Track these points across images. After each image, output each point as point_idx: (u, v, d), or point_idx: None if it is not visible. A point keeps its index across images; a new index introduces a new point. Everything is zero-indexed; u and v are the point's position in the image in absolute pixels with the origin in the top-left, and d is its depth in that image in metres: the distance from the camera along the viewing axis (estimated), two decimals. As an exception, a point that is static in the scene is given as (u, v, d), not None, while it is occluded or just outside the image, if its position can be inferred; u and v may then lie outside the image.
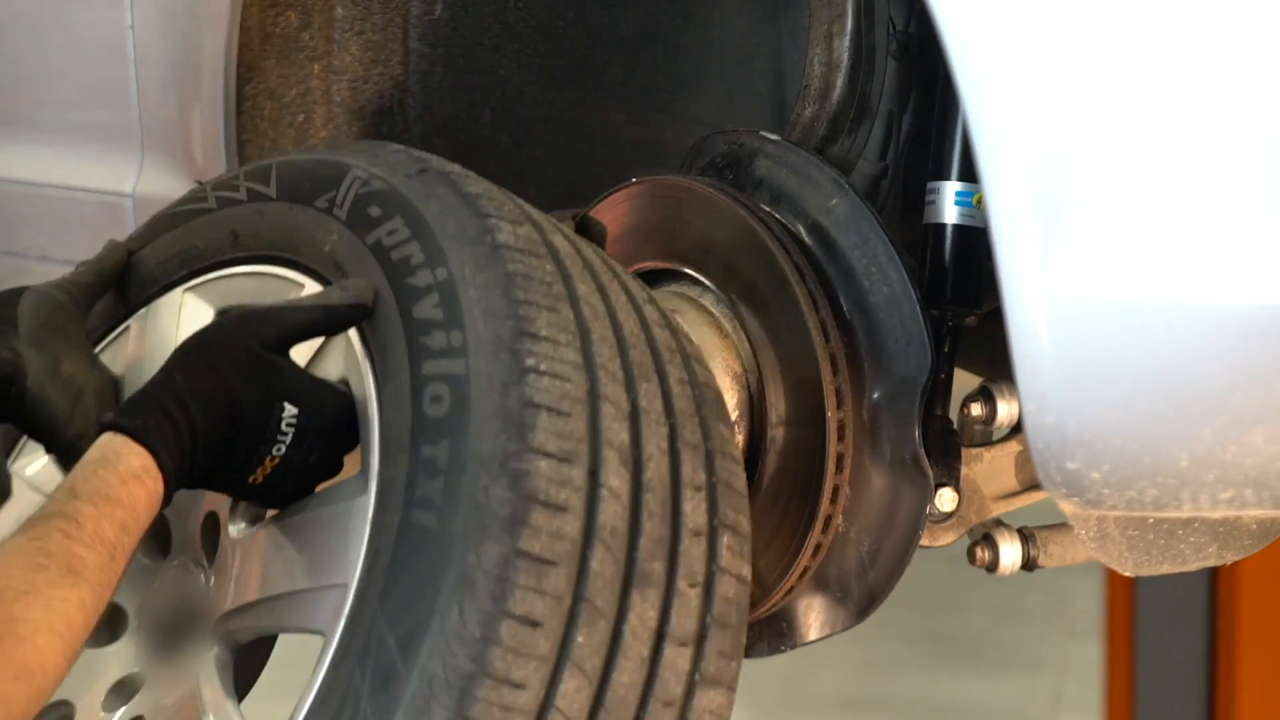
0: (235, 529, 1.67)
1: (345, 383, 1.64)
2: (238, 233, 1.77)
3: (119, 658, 1.75)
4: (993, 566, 1.88)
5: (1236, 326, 1.45)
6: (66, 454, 1.73)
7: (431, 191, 1.64)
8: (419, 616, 1.47)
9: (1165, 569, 1.68)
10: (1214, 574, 3.95)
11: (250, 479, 1.62)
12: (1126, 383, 1.48)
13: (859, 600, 1.78)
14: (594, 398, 1.55)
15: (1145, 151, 1.46)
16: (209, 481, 1.62)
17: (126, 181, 2.34)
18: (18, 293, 1.80)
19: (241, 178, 1.79)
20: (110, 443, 1.58)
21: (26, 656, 1.46)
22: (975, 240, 1.76)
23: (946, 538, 1.82)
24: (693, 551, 1.56)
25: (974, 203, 1.76)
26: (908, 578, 1.79)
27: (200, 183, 1.85)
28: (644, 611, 1.52)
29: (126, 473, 1.56)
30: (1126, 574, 1.66)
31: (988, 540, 1.88)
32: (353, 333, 1.63)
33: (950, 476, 1.78)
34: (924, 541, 1.79)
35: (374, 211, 1.65)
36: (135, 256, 1.85)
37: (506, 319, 1.55)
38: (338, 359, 1.66)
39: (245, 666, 1.71)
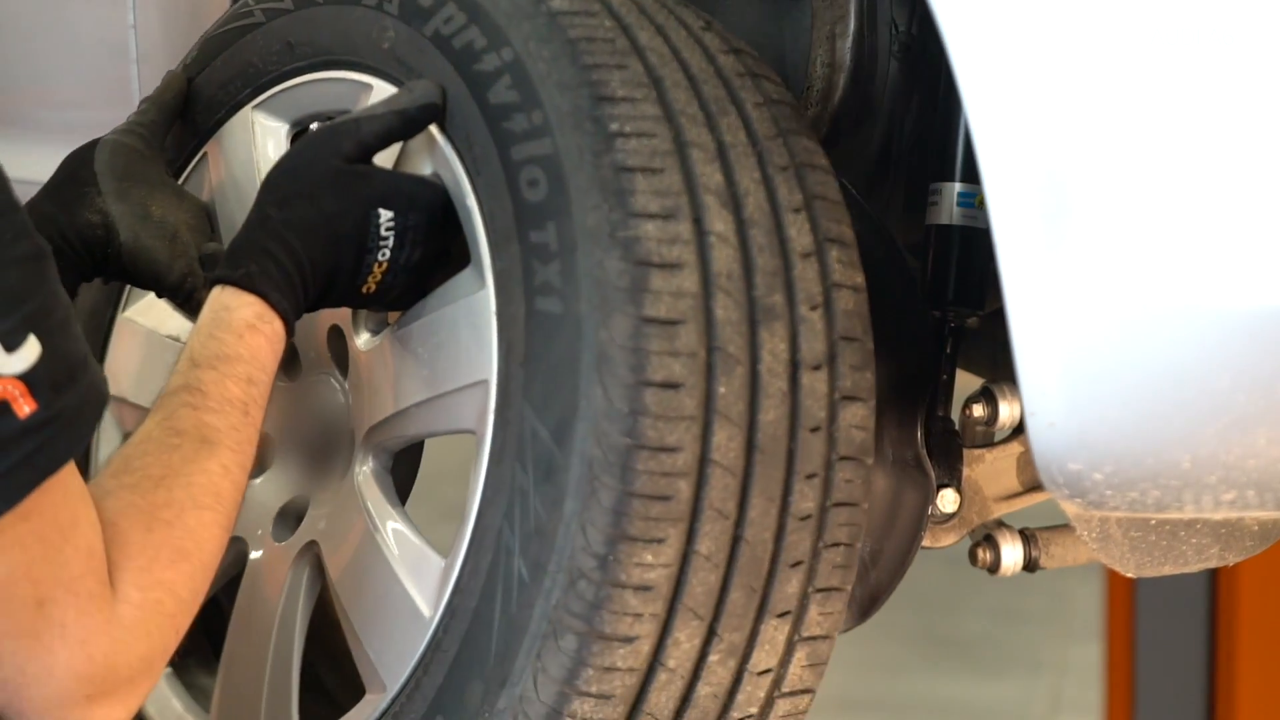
0: (361, 340, 1.69)
1: (436, 176, 1.64)
2: (292, 43, 1.77)
3: (275, 486, 1.78)
4: (994, 567, 1.88)
5: (1239, 328, 1.45)
6: (175, 295, 1.76)
7: None
8: (566, 403, 1.49)
9: (1167, 570, 1.68)
10: (1214, 576, 3.95)
11: (364, 289, 1.62)
12: (1129, 384, 1.48)
13: (860, 601, 1.78)
14: (681, 146, 1.54)
15: (1147, 153, 1.46)
16: (324, 302, 1.63)
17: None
18: (90, 147, 1.81)
19: None
20: (220, 298, 1.59)
21: (179, 538, 1.48)
22: (978, 241, 1.76)
23: (948, 538, 1.82)
24: (807, 274, 1.55)
25: (976, 204, 1.76)
26: (908, 579, 1.79)
27: None
28: (774, 346, 1.52)
29: (241, 325, 1.58)
30: (1129, 575, 1.66)
31: (989, 541, 1.88)
32: (433, 128, 1.63)
33: (952, 477, 1.78)
34: (925, 542, 1.79)
35: (425, 2, 1.64)
36: (194, 83, 1.85)
37: (581, 88, 1.54)
38: (423, 155, 1.65)
39: (400, 473, 1.72)
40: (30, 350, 1.37)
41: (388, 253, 1.62)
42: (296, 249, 1.60)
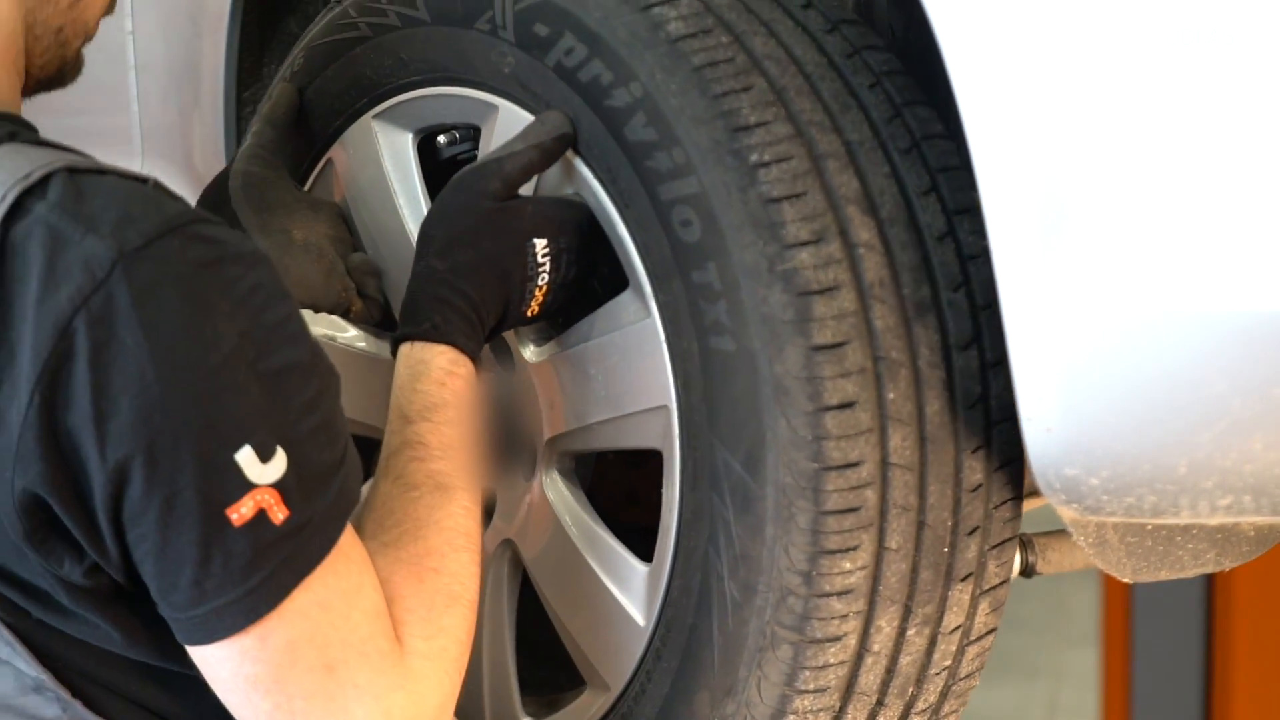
0: (528, 351, 1.78)
1: (578, 195, 1.70)
2: (405, 58, 1.81)
3: None
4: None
5: (1235, 333, 1.44)
6: (333, 312, 1.83)
7: None
8: (752, 435, 1.57)
9: (1164, 575, 1.68)
10: (1210, 581, 3.95)
11: (528, 313, 1.72)
12: (1125, 389, 1.48)
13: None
14: (816, 160, 1.58)
15: (1142, 159, 1.46)
16: (496, 331, 1.73)
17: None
18: (223, 184, 1.87)
19: (384, 0, 1.81)
20: (411, 353, 1.68)
21: (448, 584, 1.59)
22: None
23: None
24: (945, 257, 1.60)
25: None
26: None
27: (338, 2, 1.88)
28: (929, 338, 1.58)
29: (440, 374, 1.67)
30: (1125, 580, 1.65)
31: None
32: (570, 153, 1.68)
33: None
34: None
35: (541, 30, 1.68)
36: (306, 93, 1.90)
37: (715, 120, 1.58)
38: (563, 178, 1.71)
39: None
40: (280, 460, 1.46)
41: (546, 277, 1.70)
42: (468, 293, 1.68)
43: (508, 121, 1.73)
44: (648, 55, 1.61)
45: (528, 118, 1.71)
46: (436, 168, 1.88)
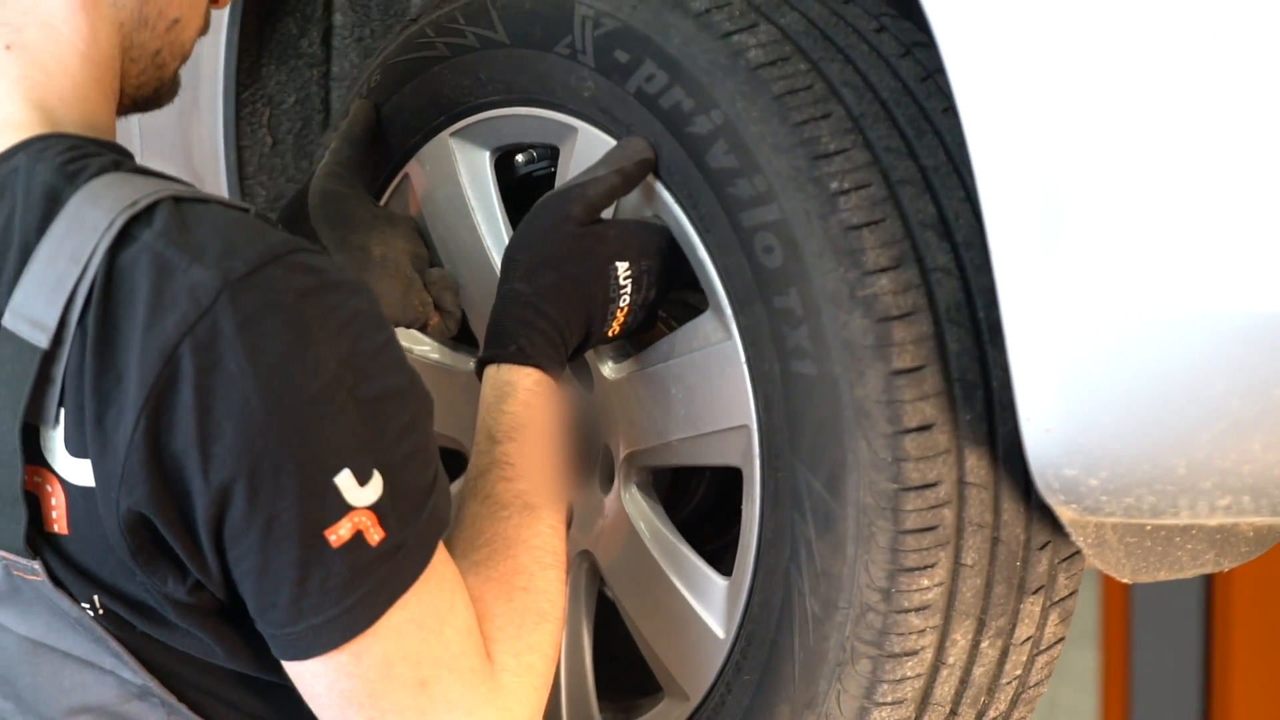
0: (606, 368, 1.82)
1: (657, 217, 1.74)
2: (483, 79, 1.84)
3: None
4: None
5: (1234, 334, 1.44)
6: (410, 326, 1.86)
7: (665, 21, 1.69)
8: (834, 457, 1.61)
9: (1163, 576, 1.68)
10: (1209, 582, 3.95)
11: (609, 333, 1.76)
12: (1124, 390, 1.48)
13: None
14: (891, 185, 1.61)
15: (1141, 160, 1.46)
16: (580, 351, 1.77)
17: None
18: (302, 201, 1.90)
19: (462, 21, 1.84)
20: (498, 375, 1.72)
21: (537, 601, 1.63)
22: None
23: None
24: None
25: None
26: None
27: (414, 20, 1.91)
28: (1000, 358, 1.59)
29: (526, 394, 1.71)
30: (1124, 581, 1.65)
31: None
32: (650, 176, 1.72)
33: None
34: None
35: (621, 56, 1.71)
36: (384, 110, 1.93)
37: (796, 148, 1.61)
38: (643, 201, 1.74)
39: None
40: (377, 483, 1.49)
41: (627, 298, 1.74)
42: (553, 315, 1.72)
43: (586, 143, 1.76)
44: (728, 83, 1.64)
45: (607, 140, 1.74)
46: (513, 185, 1.92)
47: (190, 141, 2.25)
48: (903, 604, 1.62)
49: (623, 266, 1.73)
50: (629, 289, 1.73)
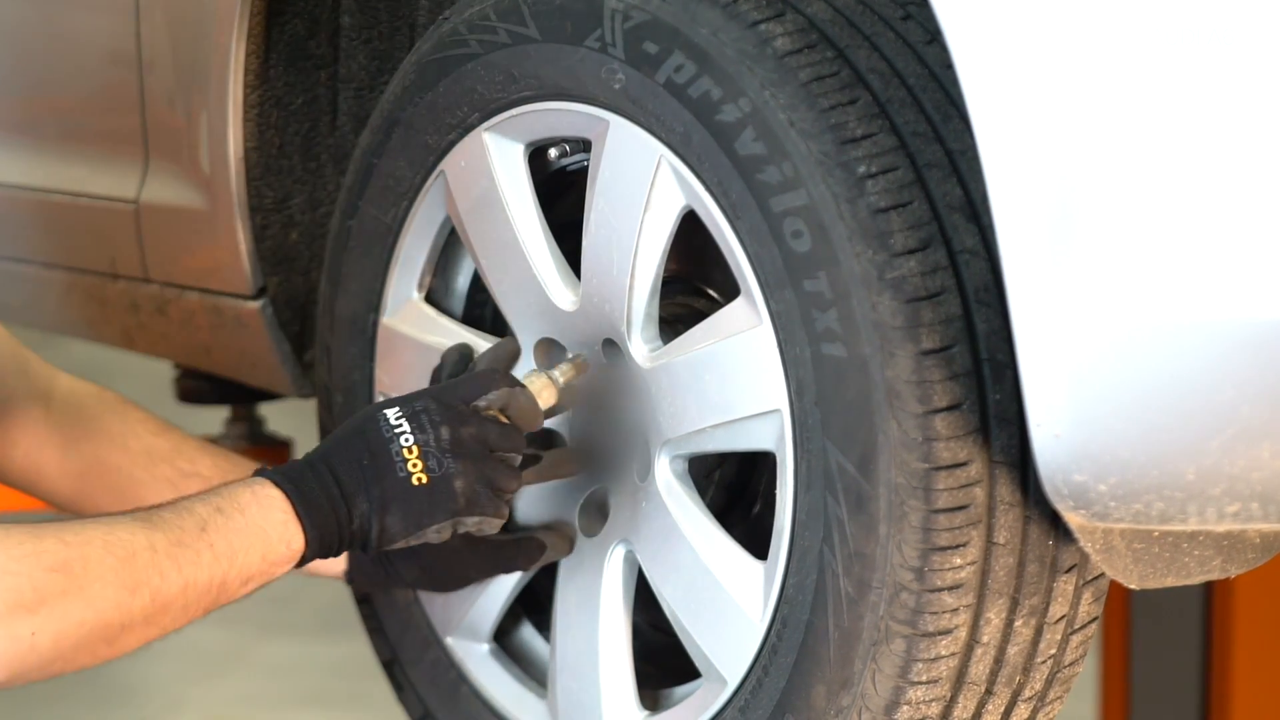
0: (640, 356, 1.83)
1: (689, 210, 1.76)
2: (515, 74, 1.87)
3: (571, 480, 1.95)
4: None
5: (1244, 340, 1.45)
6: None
7: (692, 11, 1.71)
8: (865, 438, 1.63)
9: (1170, 582, 1.68)
10: (1209, 585, 3.95)
11: (416, 481, 1.81)
12: (1134, 396, 1.48)
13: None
14: (918, 169, 1.64)
15: (1153, 166, 1.46)
16: (395, 531, 1.84)
17: (131, 188, 2.34)
18: None
19: (494, 17, 1.87)
20: (263, 491, 1.82)
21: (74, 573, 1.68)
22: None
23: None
24: None
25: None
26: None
27: (445, 17, 1.93)
28: None
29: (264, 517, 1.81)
30: (1131, 587, 1.66)
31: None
32: (682, 167, 1.73)
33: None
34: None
35: (650, 48, 1.73)
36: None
37: (824, 134, 1.63)
38: (675, 190, 1.76)
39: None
40: None
41: (410, 436, 1.81)
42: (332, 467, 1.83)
43: (618, 135, 1.78)
44: (756, 71, 1.66)
45: (638, 132, 1.76)
46: (548, 179, 1.95)
47: (198, 143, 2.25)
48: (936, 583, 1.64)
49: (390, 412, 1.80)
50: (407, 427, 1.80)
